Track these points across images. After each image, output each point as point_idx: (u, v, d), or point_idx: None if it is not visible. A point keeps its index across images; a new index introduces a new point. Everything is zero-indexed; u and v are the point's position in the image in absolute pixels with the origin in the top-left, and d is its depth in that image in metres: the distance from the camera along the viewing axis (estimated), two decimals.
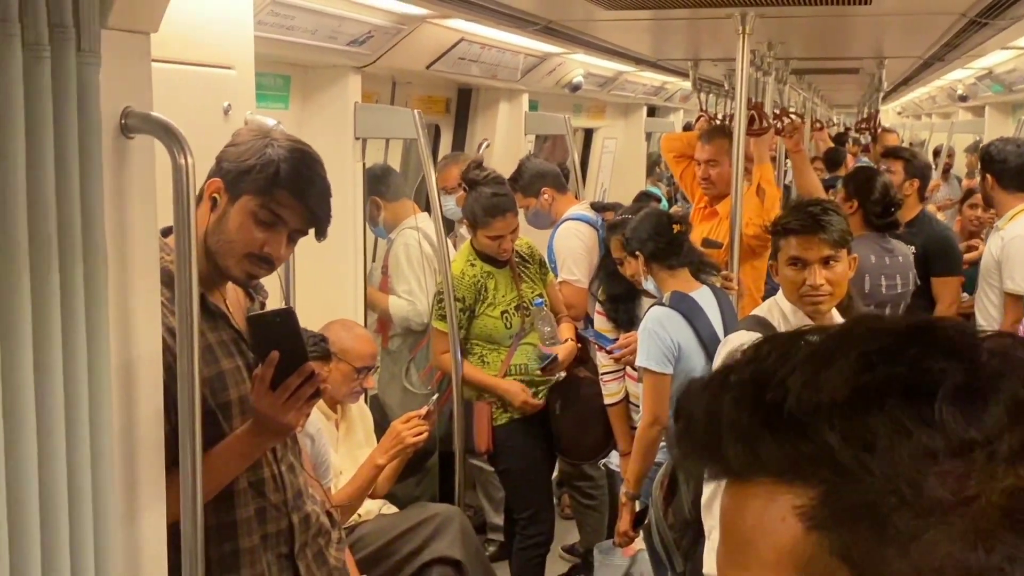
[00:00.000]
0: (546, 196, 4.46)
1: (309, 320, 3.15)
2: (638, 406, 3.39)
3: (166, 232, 1.88)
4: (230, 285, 2.08)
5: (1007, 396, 0.59)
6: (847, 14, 3.09)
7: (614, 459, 3.84)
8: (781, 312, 2.61)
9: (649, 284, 3.38)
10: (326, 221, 2.01)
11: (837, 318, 2.66)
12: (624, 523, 3.34)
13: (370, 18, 3.17)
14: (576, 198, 4.84)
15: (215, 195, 1.95)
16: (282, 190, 1.92)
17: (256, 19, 2.57)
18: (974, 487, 0.58)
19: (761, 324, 2.60)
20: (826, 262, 2.54)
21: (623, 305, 3.70)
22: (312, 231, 2.02)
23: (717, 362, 2.65)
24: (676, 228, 3.36)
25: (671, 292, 3.28)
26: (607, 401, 3.68)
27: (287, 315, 1.97)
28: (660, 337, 3.19)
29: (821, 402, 0.60)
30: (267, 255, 1.96)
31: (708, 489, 2.38)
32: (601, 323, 3.82)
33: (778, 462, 0.61)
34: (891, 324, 0.64)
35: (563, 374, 3.81)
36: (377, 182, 4.31)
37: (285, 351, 1.89)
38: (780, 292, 2.66)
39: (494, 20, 3.46)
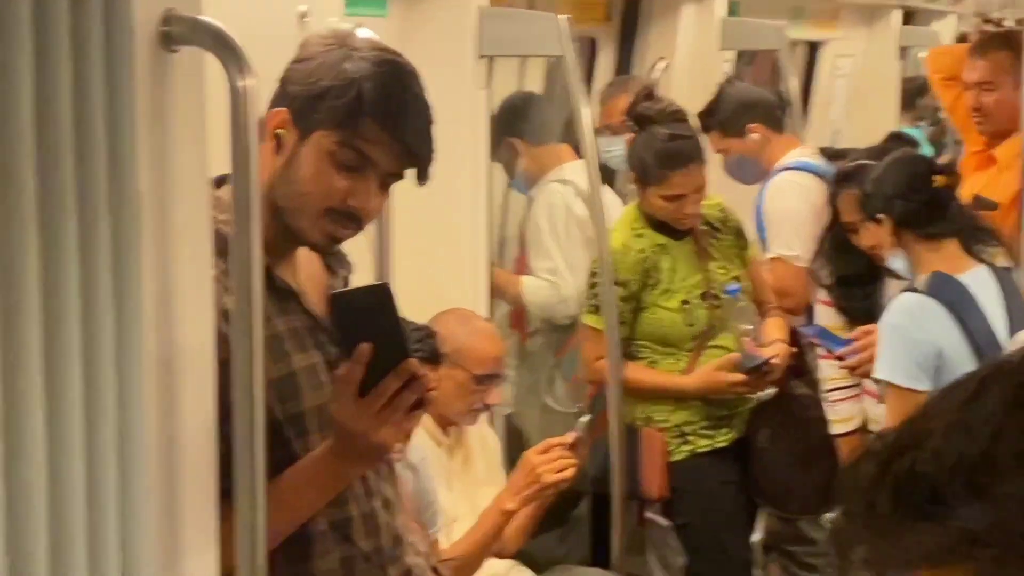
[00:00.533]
0: (755, 136, 4.46)
1: (412, 309, 3.21)
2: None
3: (219, 182, 1.95)
4: (303, 255, 2.13)
5: None
6: None
7: None
8: None
9: (897, 261, 3.32)
10: (428, 159, 2.04)
11: None
12: None
13: None
14: (797, 140, 4.78)
15: (280, 131, 2.00)
16: (368, 119, 1.96)
17: None
18: None
19: None
20: None
21: (859, 290, 3.64)
22: (410, 173, 2.05)
23: None
24: (939, 180, 3.31)
25: (931, 273, 3.23)
26: (836, 429, 3.65)
27: (382, 292, 2.00)
28: (913, 338, 3.16)
29: (959, 463, 0.73)
30: (352, 209, 2.00)
31: None
32: (828, 317, 3.78)
33: (923, 547, 0.74)
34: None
35: (772, 390, 3.78)
36: (516, 118, 4.38)
37: (379, 343, 1.92)
38: None
39: None
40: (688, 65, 5.22)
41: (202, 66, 1.80)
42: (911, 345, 3.14)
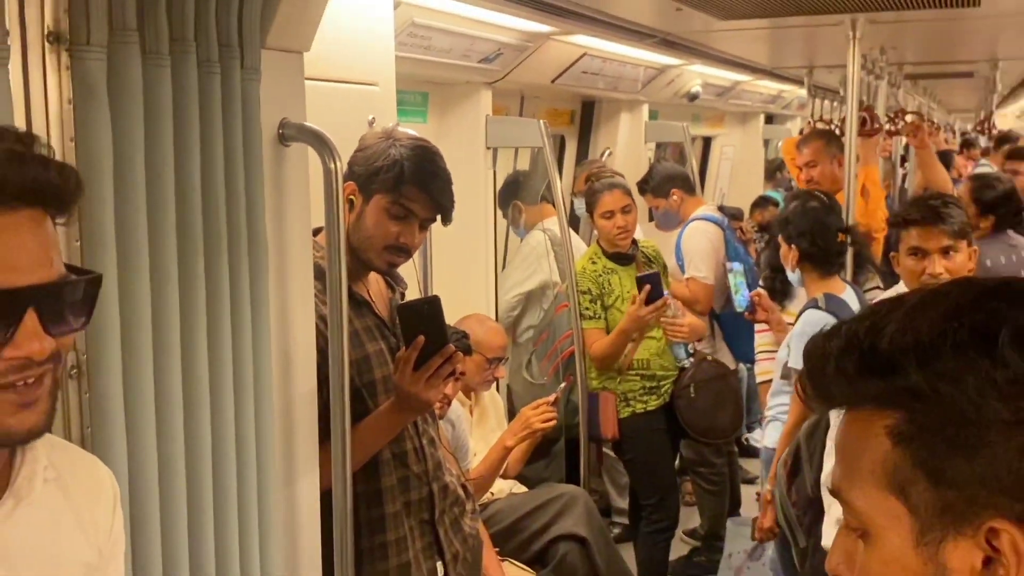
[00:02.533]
0: (675, 197, 4.44)
1: (449, 315, 3.24)
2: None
3: (316, 231, 1.97)
4: (372, 276, 2.15)
5: None
6: (957, 17, 2.98)
7: (756, 435, 3.77)
8: None
9: (795, 276, 3.21)
10: (451, 208, 2.06)
11: None
12: (768, 520, 3.21)
13: (499, 36, 3.23)
14: (703, 200, 4.80)
15: (352, 197, 2.02)
16: (409, 185, 1.99)
17: (396, 40, 2.65)
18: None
19: None
20: (946, 252, 2.51)
21: (780, 276, 3.51)
22: (440, 217, 2.07)
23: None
24: (841, 237, 3.15)
25: (824, 294, 3.08)
26: (760, 379, 3.62)
27: (433, 303, 2.02)
28: None
29: (909, 344, 0.70)
30: (403, 245, 2.03)
31: (827, 466, 2.35)
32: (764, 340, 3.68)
33: (873, 394, 0.72)
34: (983, 283, 0.74)
35: (690, 361, 3.80)
36: (518, 187, 4.39)
37: (430, 335, 1.95)
38: (901, 283, 2.62)
39: (615, 34, 3.47)
40: (624, 152, 5.24)
41: (306, 155, 1.82)
42: None
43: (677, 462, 4.34)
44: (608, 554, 3.26)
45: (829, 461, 2.51)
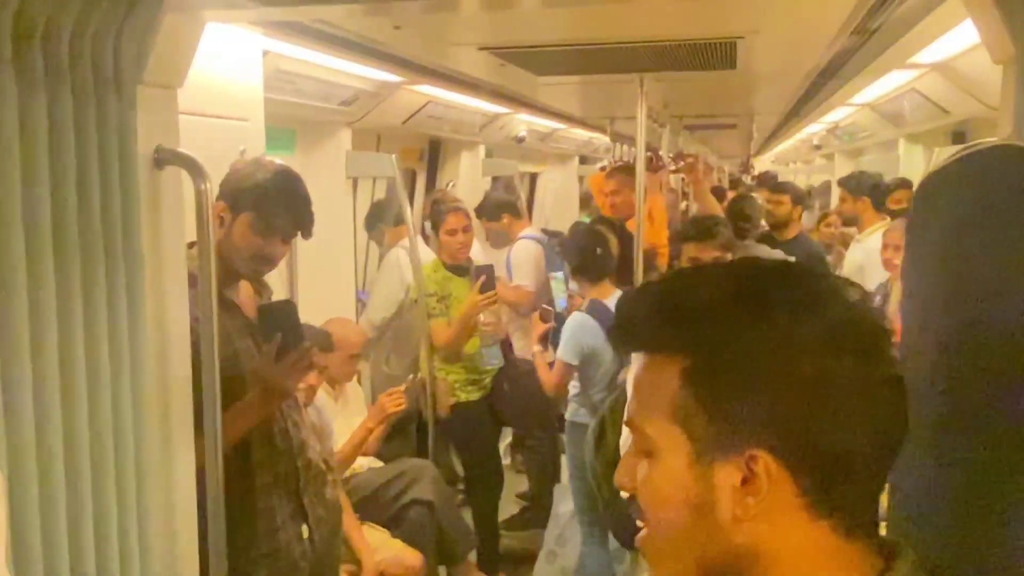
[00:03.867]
0: (505, 220, 4.53)
1: (314, 319, 3.15)
2: None
3: (191, 244, 1.89)
4: (243, 283, 2.08)
5: (822, 305, 0.71)
6: (719, 77, 3.16)
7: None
8: None
9: (573, 285, 3.38)
10: (309, 224, 2.01)
11: None
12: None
13: (356, 83, 3.18)
14: (529, 223, 4.89)
15: (222, 214, 1.96)
16: (271, 204, 1.94)
17: (266, 83, 2.58)
18: (792, 363, 0.69)
19: None
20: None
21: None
22: (300, 232, 2.02)
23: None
24: (600, 251, 3.29)
25: (590, 300, 3.23)
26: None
27: (288, 305, 1.99)
28: (576, 338, 3.19)
29: (702, 300, 0.72)
30: (267, 255, 1.98)
31: (625, 432, 2.43)
32: None
33: (669, 340, 0.74)
34: (766, 262, 0.77)
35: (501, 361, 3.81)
36: (381, 212, 4.33)
37: (287, 332, 1.90)
38: None
39: (452, 85, 3.49)
40: (465, 184, 5.25)
41: (179, 177, 1.74)
42: (575, 342, 3.17)
43: (511, 438, 4.39)
44: (452, 515, 3.27)
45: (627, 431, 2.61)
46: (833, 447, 0.68)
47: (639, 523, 0.78)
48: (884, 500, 1.00)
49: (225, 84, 2.31)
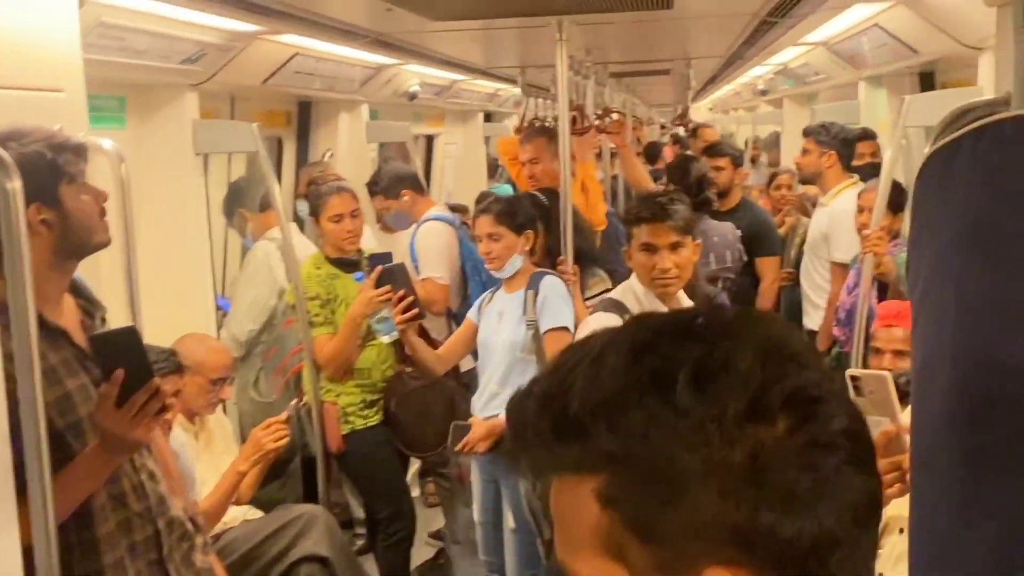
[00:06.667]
0: (406, 198, 4.39)
1: (162, 336, 3.03)
2: None
3: None
4: (66, 303, 1.98)
5: (734, 367, 0.67)
6: (652, 19, 3.19)
7: None
8: (635, 295, 2.72)
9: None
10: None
11: (685, 300, 2.78)
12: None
13: (201, 36, 3.07)
14: (433, 200, 4.80)
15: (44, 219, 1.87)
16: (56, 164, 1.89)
17: (85, 41, 2.44)
18: (717, 453, 0.66)
19: (617, 306, 2.69)
20: (674, 247, 2.68)
21: None
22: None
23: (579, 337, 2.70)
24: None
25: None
26: None
27: (130, 333, 1.90)
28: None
29: (595, 403, 0.68)
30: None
31: None
32: None
33: (572, 460, 0.70)
34: (658, 320, 0.73)
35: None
36: (242, 194, 4.17)
37: (130, 368, 1.81)
38: (633, 276, 2.75)
39: (324, 34, 3.41)
40: (346, 153, 5.18)
41: None
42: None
43: (416, 466, 4.34)
44: (352, 571, 3.22)
45: None
46: (799, 537, 0.66)
47: None
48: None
49: (31, 45, 2.18)
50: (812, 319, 4.64)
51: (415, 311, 3.41)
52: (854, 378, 1.93)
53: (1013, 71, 1.36)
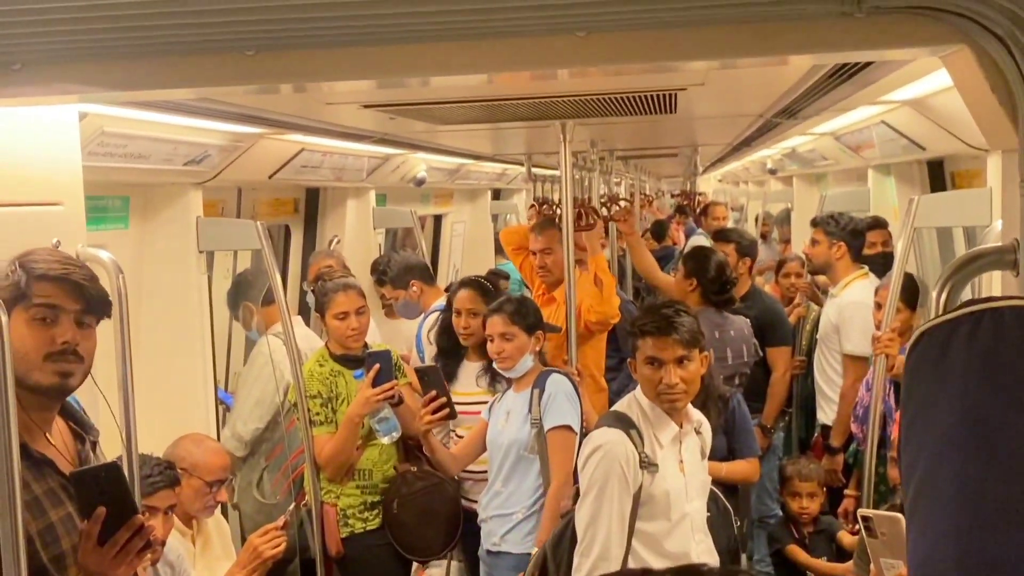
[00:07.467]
0: (415, 288, 4.44)
1: (161, 436, 2.98)
2: None
3: None
4: (57, 428, 1.93)
5: None
6: (657, 120, 3.18)
7: None
8: (640, 407, 2.63)
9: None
10: (98, 297, 1.92)
11: (693, 413, 2.70)
12: None
13: (205, 139, 3.07)
14: (442, 291, 4.75)
15: None
16: (37, 282, 1.85)
17: (86, 151, 2.44)
18: None
19: (621, 420, 2.60)
20: (680, 361, 2.60)
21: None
22: (95, 311, 1.92)
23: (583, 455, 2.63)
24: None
25: None
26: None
27: (112, 469, 1.84)
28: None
29: None
30: (64, 345, 1.85)
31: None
32: None
33: None
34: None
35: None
36: (247, 287, 4.17)
37: (112, 504, 1.76)
38: (639, 388, 2.67)
39: (331, 137, 3.41)
40: (353, 239, 5.18)
41: None
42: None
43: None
44: None
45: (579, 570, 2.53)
46: None
47: None
48: None
49: (33, 162, 2.17)
50: (826, 414, 4.56)
51: (445, 412, 3.40)
52: (865, 518, 1.86)
53: (1021, 220, 1.33)
